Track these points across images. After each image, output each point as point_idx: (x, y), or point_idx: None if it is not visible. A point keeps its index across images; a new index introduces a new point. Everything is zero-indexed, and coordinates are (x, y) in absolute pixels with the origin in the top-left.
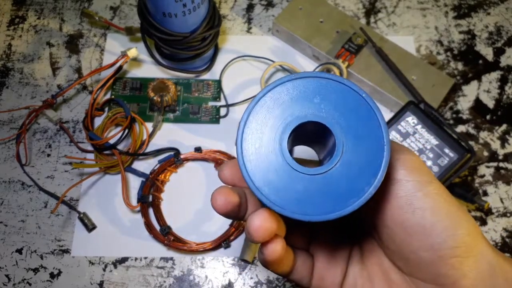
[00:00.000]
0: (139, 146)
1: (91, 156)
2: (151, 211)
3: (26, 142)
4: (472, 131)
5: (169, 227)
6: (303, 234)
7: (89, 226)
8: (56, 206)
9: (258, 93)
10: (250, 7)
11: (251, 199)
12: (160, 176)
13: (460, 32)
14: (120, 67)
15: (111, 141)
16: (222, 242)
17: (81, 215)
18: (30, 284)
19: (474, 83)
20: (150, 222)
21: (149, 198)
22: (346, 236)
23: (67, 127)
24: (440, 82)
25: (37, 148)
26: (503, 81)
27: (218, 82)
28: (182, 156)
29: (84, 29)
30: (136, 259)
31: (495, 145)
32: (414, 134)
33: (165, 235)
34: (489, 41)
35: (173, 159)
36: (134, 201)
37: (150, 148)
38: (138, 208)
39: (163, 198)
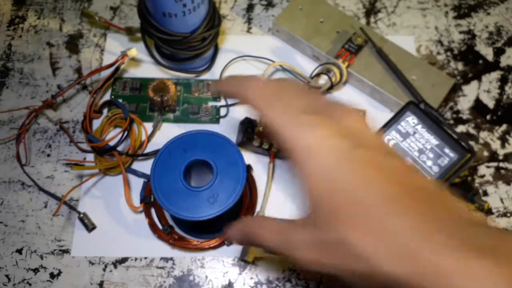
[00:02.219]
0: (138, 146)
1: (91, 156)
2: (153, 211)
3: (26, 142)
4: (472, 131)
5: (171, 226)
6: None
7: (89, 226)
8: (58, 208)
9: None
10: (250, 7)
11: None
12: None
13: (460, 32)
14: (118, 68)
15: (111, 143)
16: (225, 240)
17: (81, 215)
18: (30, 284)
19: (474, 83)
20: (154, 222)
21: (151, 198)
22: None
23: (67, 127)
24: (440, 82)
25: (37, 148)
26: (503, 81)
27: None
28: None
29: (84, 29)
30: (136, 259)
31: (495, 145)
32: (414, 134)
33: (168, 234)
34: (489, 41)
35: None
36: (135, 201)
37: (150, 148)
38: (141, 209)
39: None
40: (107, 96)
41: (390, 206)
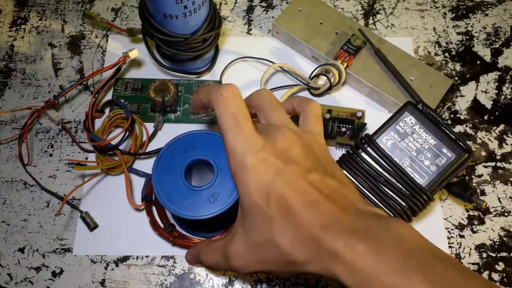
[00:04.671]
0: (139, 146)
1: (93, 156)
2: (154, 210)
3: (28, 142)
4: (470, 131)
5: (172, 225)
6: None
7: (91, 225)
8: (60, 208)
9: (161, 149)
10: (250, 9)
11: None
12: None
13: (458, 33)
14: (119, 69)
15: (112, 142)
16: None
17: (83, 214)
18: (32, 283)
19: (472, 84)
20: (155, 220)
21: (152, 197)
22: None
23: (69, 127)
24: (438, 82)
25: (39, 148)
26: (500, 81)
27: (219, 83)
28: None
29: (85, 30)
30: (137, 257)
31: (493, 145)
32: (412, 134)
33: (169, 232)
34: (487, 42)
35: None
36: (136, 200)
37: (151, 148)
38: (142, 207)
39: None
40: (108, 96)
41: (310, 210)
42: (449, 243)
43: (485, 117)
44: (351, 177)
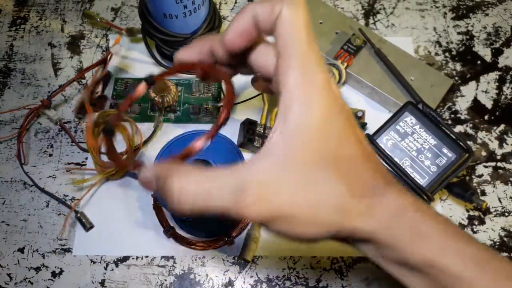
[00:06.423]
0: (134, 148)
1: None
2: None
3: (23, 141)
4: (470, 131)
5: (172, 227)
6: None
7: (87, 226)
8: (65, 222)
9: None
10: None
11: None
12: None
13: (459, 33)
14: (104, 60)
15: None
16: (226, 238)
17: (78, 215)
18: (32, 283)
19: (472, 84)
20: (113, 150)
21: (114, 131)
22: None
23: (68, 127)
24: (438, 82)
25: (39, 148)
26: (501, 81)
27: (219, 83)
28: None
29: (85, 30)
30: (137, 258)
31: (493, 145)
32: (413, 134)
33: (169, 237)
34: (487, 42)
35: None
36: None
37: (151, 148)
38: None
39: None
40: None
41: (370, 162)
42: None
43: (486, 117)
44: None
